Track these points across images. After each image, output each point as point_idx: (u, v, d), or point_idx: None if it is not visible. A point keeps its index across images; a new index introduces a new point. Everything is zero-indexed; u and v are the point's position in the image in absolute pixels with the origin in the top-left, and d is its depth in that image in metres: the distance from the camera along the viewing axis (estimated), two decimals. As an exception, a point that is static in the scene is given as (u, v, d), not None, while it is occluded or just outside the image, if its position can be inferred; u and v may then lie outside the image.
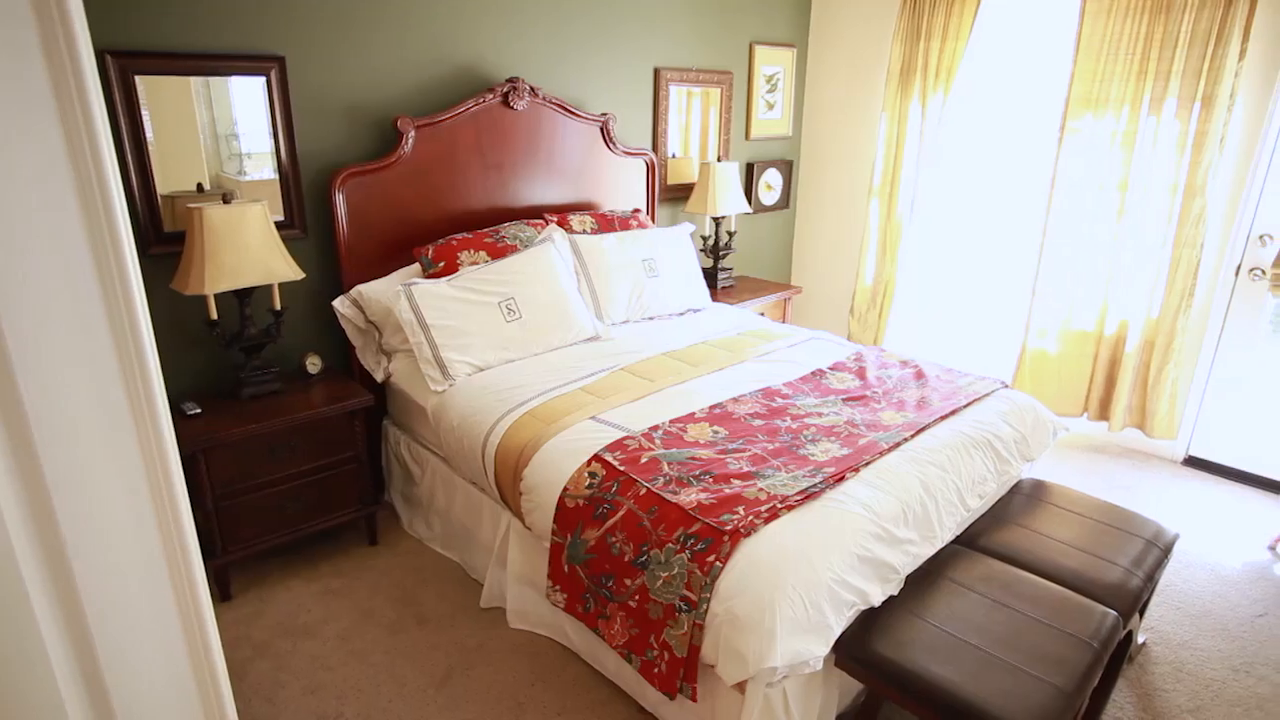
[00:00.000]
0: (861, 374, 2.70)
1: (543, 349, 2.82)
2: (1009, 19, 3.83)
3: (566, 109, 3.36)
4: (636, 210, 3.62)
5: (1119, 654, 2.10)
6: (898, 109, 4.11)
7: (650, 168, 3.80)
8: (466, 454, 2.43)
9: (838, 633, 1.71)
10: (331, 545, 2.82)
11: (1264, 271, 3.27)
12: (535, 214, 3.36)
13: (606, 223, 3.39)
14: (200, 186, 2.56)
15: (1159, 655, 2.38)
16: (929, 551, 2.00)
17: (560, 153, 3.42)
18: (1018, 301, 3.95)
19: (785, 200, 4.76)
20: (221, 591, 2.51)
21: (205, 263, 2.30)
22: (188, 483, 2.36)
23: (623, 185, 3.73)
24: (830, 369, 2.74)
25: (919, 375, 2.71)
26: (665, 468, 2.02)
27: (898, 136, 4.14)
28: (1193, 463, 3.64)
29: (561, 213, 3.37)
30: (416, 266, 2.90)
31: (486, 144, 3.14)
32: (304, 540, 2.72)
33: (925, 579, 1.95)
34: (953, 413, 2.41)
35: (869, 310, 4.47)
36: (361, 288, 2.80)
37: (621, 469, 2.02)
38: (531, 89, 3.19)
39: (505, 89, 3.11)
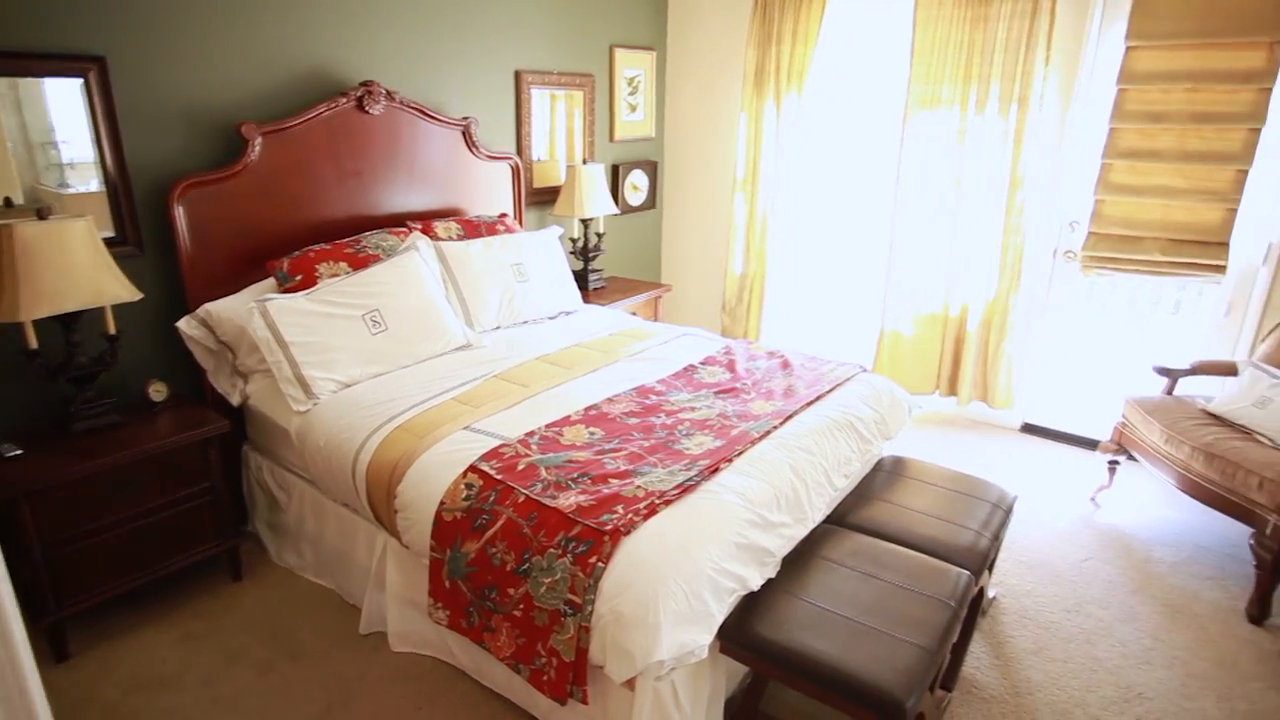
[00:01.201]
0: (731, 367, 2.80)
1: (412, 360, 2.74)
2: (853, 26, 4.07)
3: (426, 113, 3.28)
4: (503, 215, 3.58)
5: (973, 609, 2.29)
6: (755, 109, 4.28)
7: (516, 171, 3.77)
8: (335, 475, 2.33)
9: (720, 620, 1.76)
10: (190, 586, 2.61)
11: (1075, 254, 3.65)
12: (398, 222, 3.25)
13: (473, 228, 3.33)
14: (9, 201, 2.30)
15: (1007, 605, 2.61)
16: (802, 533, 2.10)
17: (422, 158, 3.32)
18: (875, 288, 4.21)
19: (652, 200, 4.85)
20: (57, 651, 2.26)
21: (19, 286, 2.07)
22: (10, 532, 2.12)
23: (488, 190, 3.68)
24: (701, 364, 2.82)
25: (785, 365, 2.84)
26: (543, 473, 2.01)
27: (756, 135, 4.31)
28: (1028, 429, 4.02)
29: (426, 219, 3.28)
30: (271, 281, 2.73)
31: (342, 150, 3.01)
32: (157, 584, 2.50)
33: (800, 559, 2.05)
34: (818, 399, 2.54)
35: (738, 304, 4.63)
36: (210, 306, 2.62)
37: (498, 478, 1.99)
38: (388, 93, 3.08)
39: (360, 93, 2.99)
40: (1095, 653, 2.39)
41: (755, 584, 1.86)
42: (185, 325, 2.59)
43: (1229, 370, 3.04)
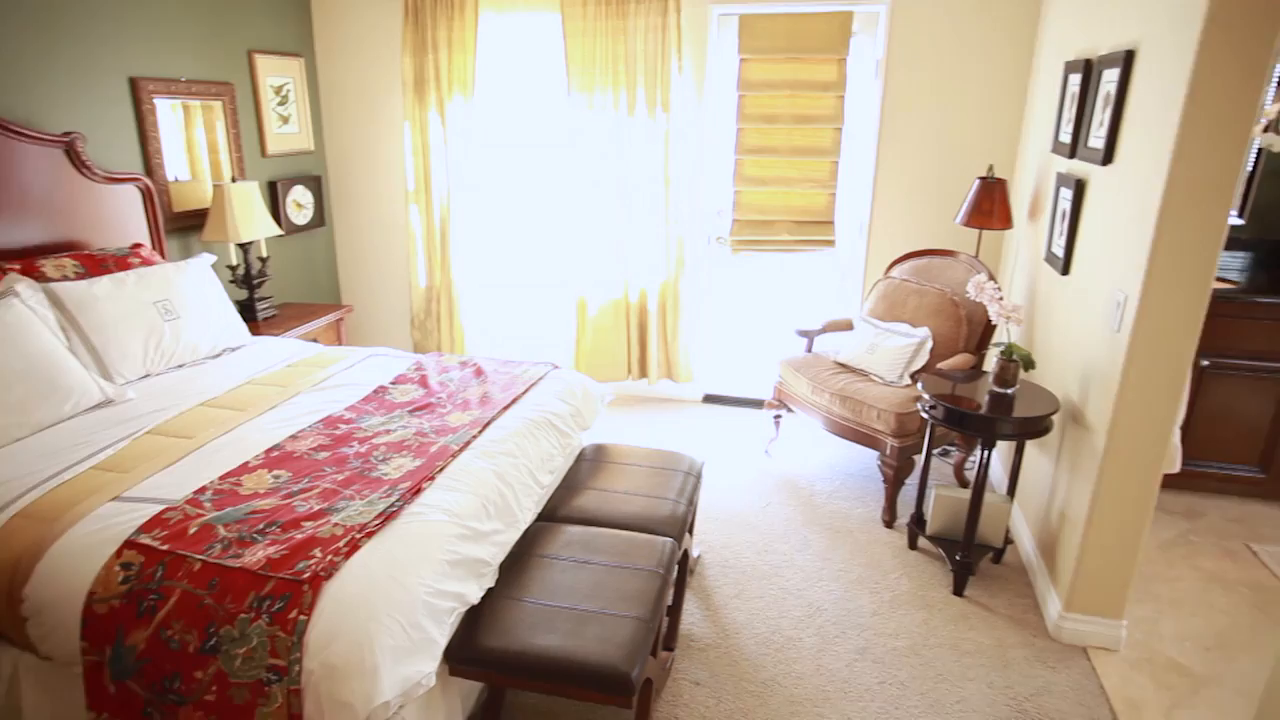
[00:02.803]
0: (424, 382, 2.73)
1: (28, 430, 2.25)
2: (513, 35, 4.16)
3: (9, 128, 2.69)
4: (137, 245, 3.08)
5: (682, 571, 2.51)
6: (418, 118, 4.20)
7: (148, 194, 3.27)
8: (-72, 592, 1.83)
9: (444, 642, 1.72)
10: None
11: (724, 238, 4.16)
12: (-15, 264, 2.64)
13: (96, 264, 2.82)
14: None
15: (709, 560, 2.91)
16: (515, 536, 2.12)
17: (12, 183, 2.73)
18: (566, 285, 4.38)
19: (320, 217, 4.52)
20: None
21: None
22: None
23: (114, 217, 3.14)
24: (393, 383, 2.71)
25: (479, 373, 2.84)
26: (221, 531, 1.79)
27: (423, 144, 4.24)
28: (709, 399, 4.50)
29: (27, 258, 2.70)
30: None
31: (-121, 180, 2.35)
32: None
33: (517, 562, 2.07)
34: (514, 401, 2.59)
35: (428, 318, 4.52)
36: None
37: (164, 548, 1.72)
38: (-58, 105, 2.48)
39: (-104, 106, 2.37)
40: (783, 583, 2.77)
41: (475, 597, 1.85)
42: None
43: (847, 326, 3.69)
